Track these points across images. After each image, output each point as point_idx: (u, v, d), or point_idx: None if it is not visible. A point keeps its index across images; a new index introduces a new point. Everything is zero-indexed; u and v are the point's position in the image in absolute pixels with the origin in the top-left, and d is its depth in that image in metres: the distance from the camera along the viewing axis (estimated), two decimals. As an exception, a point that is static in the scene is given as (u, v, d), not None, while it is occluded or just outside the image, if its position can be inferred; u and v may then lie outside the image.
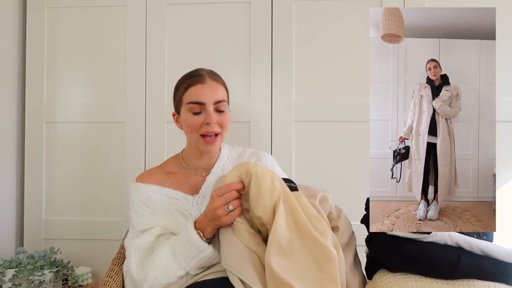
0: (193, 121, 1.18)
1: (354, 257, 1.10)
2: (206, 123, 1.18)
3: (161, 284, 1.05)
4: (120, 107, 1.72)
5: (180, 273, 1.05)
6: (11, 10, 1.73)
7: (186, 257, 1.05)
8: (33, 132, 1.75)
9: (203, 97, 1.18)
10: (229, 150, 1.32)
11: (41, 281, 1.44)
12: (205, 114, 1.18)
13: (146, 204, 1.17)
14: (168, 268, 1.06)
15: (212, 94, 1.19)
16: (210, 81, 1.21)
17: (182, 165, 1.27)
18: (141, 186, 1.21)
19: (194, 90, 1.19)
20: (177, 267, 1.05)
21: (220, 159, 1.27)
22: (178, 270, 1.05)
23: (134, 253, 1.12)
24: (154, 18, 1.72)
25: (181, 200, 1.18)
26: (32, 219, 1.74)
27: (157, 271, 1.06)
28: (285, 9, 1.68)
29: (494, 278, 0.97)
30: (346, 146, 1.65)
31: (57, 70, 1.76)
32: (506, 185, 1.59)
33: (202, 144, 1.19)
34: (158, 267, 1.07)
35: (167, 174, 1.25)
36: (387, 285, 1.00)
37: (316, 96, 1.67)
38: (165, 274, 1.05)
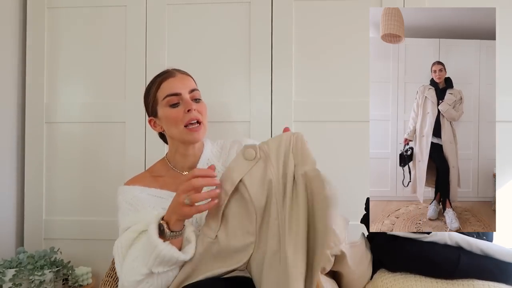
0: (174, 113, 1.20)
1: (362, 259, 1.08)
2: (187, 110, 1.19)
3: (129, 282, 1.00)
4: (120, 107, 1.72)
5: (144, 270, 0.99)
6: (11, 10, 1.73)
7: (145, 253, 0.99)
8: (33, 132, 1.75)
9: (177, 88, 1.21)
10: (211, 144, 1.33)
11: (41, 281, 1.44)
12: (183, 103, 1.21)
13: (130, 203, 1.17)
14: (133, 265, 1.01)
15: (185, 84, 1.23)
16: (179, 74, 1.25)
17: (168, 167, 1.28)
18: (128, 188, 1.22)
19: (167, 84, 1.22)
20: (141, 264, 1.00)
21: (204, 154, 1.28)
22: (142, 268, 0.99)
23: (117, 252, 1.08)
24: (154, 18, 1.72)
25: (168, 198, 1.17)
26: (32, 219, 1.74)
27: (127, 269, 1.02)
28: (285, 9, 1.68)
29: (493, 278, 0.97)
30: (346, 146, 1.65)
31: (57, 70, 1.76)
32: (506, 185, 1.59)
33: (188, 134, 1.20)
34: (127, 265, 1.03)
35: (154, 178, 1.25)
36: (387, 284, 1.00)
37: (316, 96, 1.67)
38: (131, 272, 1.01)
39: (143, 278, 1.00)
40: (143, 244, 1.02)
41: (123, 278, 1.03)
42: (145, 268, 0.99)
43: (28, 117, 1.75)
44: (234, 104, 1.68)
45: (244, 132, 1.68)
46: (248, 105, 1.68)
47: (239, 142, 1.31)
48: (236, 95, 1.68)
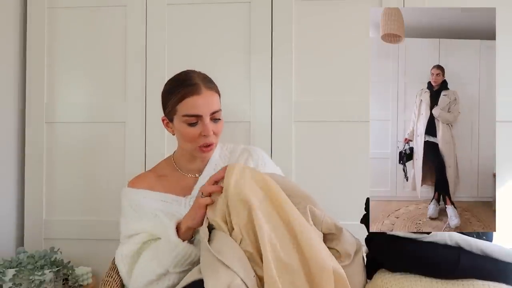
0: (189, 133, 1.16)
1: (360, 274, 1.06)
2: (203, 135, 1.15)
3: (141, 282, 1.05)
4: (120, 107, 1.72)
5: (159, 270, 1.05)
6: (11, 10, 1.73)
7: (163, 253, 1.05)
8: (33, 132, 1.75)
9: (200, 110, 1.14)
10: (220, 148, 1.31)
11: (41, 280, 1.44)
12: (201, 126, 1.15)
13: (134, 209, 1.17)
14: (147, 266, 1.06)
15: (208, 105, 1.15)
16: (205, 91, 1.16)
17: (174, 167, 1.27)
18: (133, 191, 1.21)
19: (190, 102, 1.14)
20: (156, 264, 1.05)
21: (212, 159, 1.27)
22: (157, 268, 1.05)
23: (121, 261, 1.12)
24: (154, 18, 1.72)
25: (172, 203, 1.18)
26: (32, 219, 1.74)
27: (138, 272, 1.08)
28: (285, 9, 1.68)
29: (493, 278, 0.97)
30: (346, 146, 1.65)
31: (57, 70, 1.76)
32: (506, 185, 1.59)
33: (199, 152, 1.19)
34: (139, 268, 1.08)
35: (159, 178, 1.25)
36: (387, 284, 1.00)
37: (316, 96, 1.67)
38: (144, 273, 1.06)
39: (155, 278, 1.05)
40: (160, 247, 1.07)
41: (133, 284, 1.07)
42: (161, 268, 1.04)
43: (28, 117, 1.75)
44: (234, 104, 1.68)
45: (245, 132, 1.68)
46: (248, 105, 1.68)
47: (249, 152, 1.29)
48: (236, 95, 1.68)
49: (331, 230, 1.05)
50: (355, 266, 1.04)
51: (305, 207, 1.02)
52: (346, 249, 1.03)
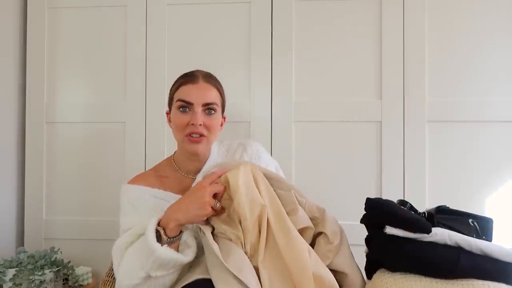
0: (179, 118, 1.19)
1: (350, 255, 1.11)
2: (192, 124, 1.17)
3: (128, 285, 1.02)
4: (120, 107, 1.73)
5: (141, 274, 1.00)
6: (11, 10, 1.73)
7: (143, 257, 1.00)
8: (33, 132, 1.75)
9: (191, 97, 1.18)
10: (218, 147, 1.32)
11: (41, 280, 1.44)
12: (191, 114, 1.18)
13: (133, 204, 1.17)
14: (131, 268, 1.02)
15: (201, 95, 1.18)
16: (202, 83, 1.20)
17: (174, 167, 1.27)
18: (131, 187, 1.21)
19: (184, 89, 1.20)
20: (138, 267, 1.01)
21: (211, 158, 1.27)
22: (139, 271, 1.00)
23: (114, 253, 1.09)
24: (154, 18, 1.72)
25: (170, 201, 1.17)
26: (32, 219, 1.74)
27: (123, 272, 1.04)
28: (285, 9, 1.68)
29: (493, 278, 0.97)
30: (346, 146, 1.65)
31: (57, 70, 1.76)
32: (506, 185, 1.59)
33: (187, 143, 1.19)
34: (125, 268, 1.04)
35: (159, 178, 1.25)
36: (387, 284, 1.00)
37: (316, 96, 1.67)
38: (129, 275, 1.02)
39: (140, 282, 1.01)
40: (140, 247, 1.03)
41: (119, 280, 1.04)
42: (143, 272, 1.00)
43: (28, 117, 1.75)
44: (234, 104, 1.68)
45: (245, 132, 1.68)
46: (248, 105, 1.68)
47: (244, 147, 1.30)
48: (236, 95, 1.68)
49: (314, 213, 1.10)
50: (343, 245, 1.10)
51: (289, 191, 1.09)
52: (332, 229, 1.09)
